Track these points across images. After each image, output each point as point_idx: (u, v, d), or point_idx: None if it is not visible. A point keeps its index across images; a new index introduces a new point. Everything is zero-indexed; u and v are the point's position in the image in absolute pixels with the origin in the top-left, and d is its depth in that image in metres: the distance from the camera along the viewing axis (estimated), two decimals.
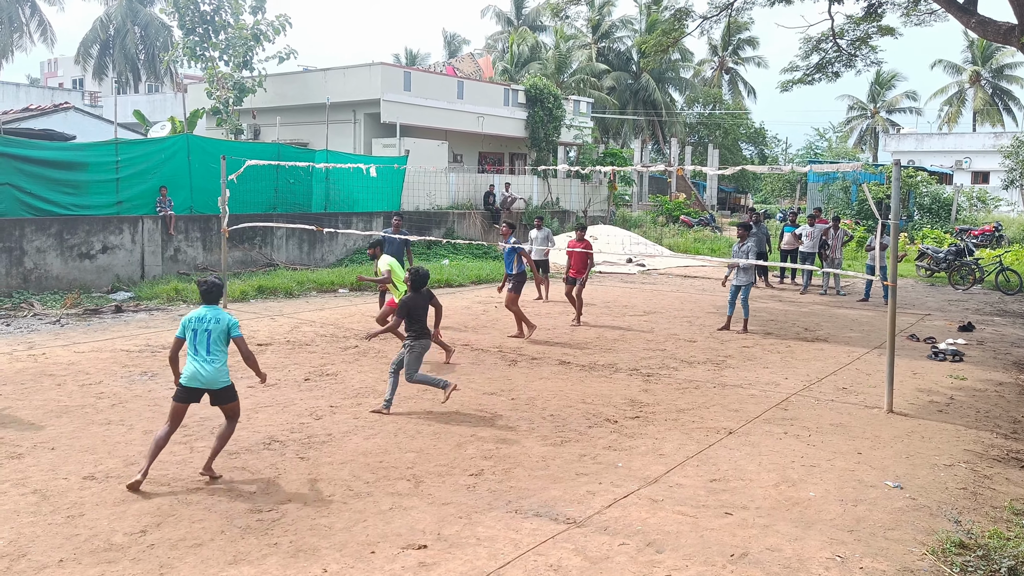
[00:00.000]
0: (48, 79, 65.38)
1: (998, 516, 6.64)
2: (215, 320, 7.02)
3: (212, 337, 6.98)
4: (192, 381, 6.96)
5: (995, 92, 65.88)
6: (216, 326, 7.00)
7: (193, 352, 6.99)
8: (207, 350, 6.97)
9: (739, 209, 55.91)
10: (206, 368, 6.95)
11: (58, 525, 6.08)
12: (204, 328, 6.99)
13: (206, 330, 6.98)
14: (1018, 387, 11.17)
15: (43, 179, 17.27)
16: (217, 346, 7.01)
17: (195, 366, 6.95)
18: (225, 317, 7.08)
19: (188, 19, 27.52)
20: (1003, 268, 21.82)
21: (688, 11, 22.44)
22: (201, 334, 6.98)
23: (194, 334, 6.99)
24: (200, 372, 6.94)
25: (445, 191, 29.20)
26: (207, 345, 6.97)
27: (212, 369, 6.97)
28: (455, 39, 66.71)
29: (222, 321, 7.04)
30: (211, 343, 6.98)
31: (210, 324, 7.00)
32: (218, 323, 7.02)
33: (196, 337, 6.98)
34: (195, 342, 6.98)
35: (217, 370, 7.00)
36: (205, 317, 7.03)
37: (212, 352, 6.98)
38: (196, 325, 7.00)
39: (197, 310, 7.12)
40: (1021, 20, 15.67)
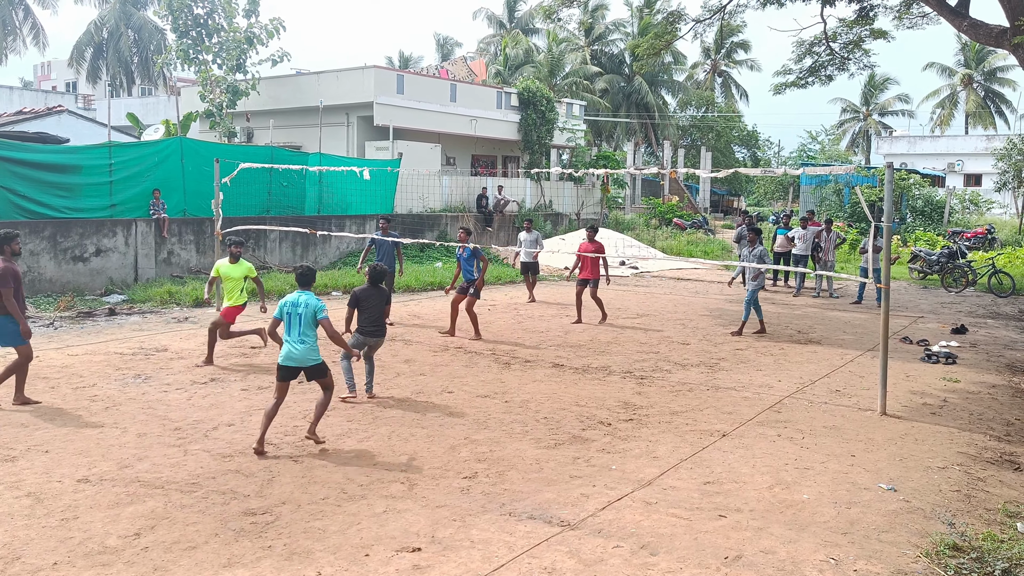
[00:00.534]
0: (41, 82, 65.16)
1: (992, 518, 6.66)
2: (306, 304, 7.86)
3: (303, 320, 7.83)
4: (287, 360, 7.85)
5: (987, 95, 66.10)
6: (306, 310, 7.84)
7: (287, 333, 7.88)
8: (299, 332, 7.82)
9: (732, 212, 55.95)
10: (297, 348, 7.82)
11: (52, 528, 6.06)
12: (297, 312, 7.85)
13: (298, 314, 7.83)
14: (1011, 389, 11.21)
15: (36, 182, 17.23)
16: (308, 328, 7.85)
17: (289, 346, 7.84)
18: (314, 301, 7.89)
19: (182, 22, 27.49)
20: (996, 271, 21.90)
21: (681, 14, 22.50)
22: (294, 317, 7.84)
23: (288, 317, 7.87)
24: (293, 351, 7.83)
25: (438, 194, 29.20)
26: (299, 327, 7.82)
27: (303, 348, 7.83)
28: (448, 42, 66.78)
29: (311, 305, 7.86)
30: (302, 325, 7.83)
31: (301, 308, 7.84)
32: (307, 307, 7.86)
33: (290, 320, 7.86)
34: (289, 324, 7.87)
35: (308, 349, 7.85)
36: (298, 301, 7.88)
37: (303, 333, 7.83)
38: (291, 309, 7.88)
39: (292, 295, 7.96)
40: (1012, 23, 15.74)
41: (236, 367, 11.38)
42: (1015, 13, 15.61)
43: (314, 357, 7.92)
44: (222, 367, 11.37)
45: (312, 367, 7.95)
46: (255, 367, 11.44)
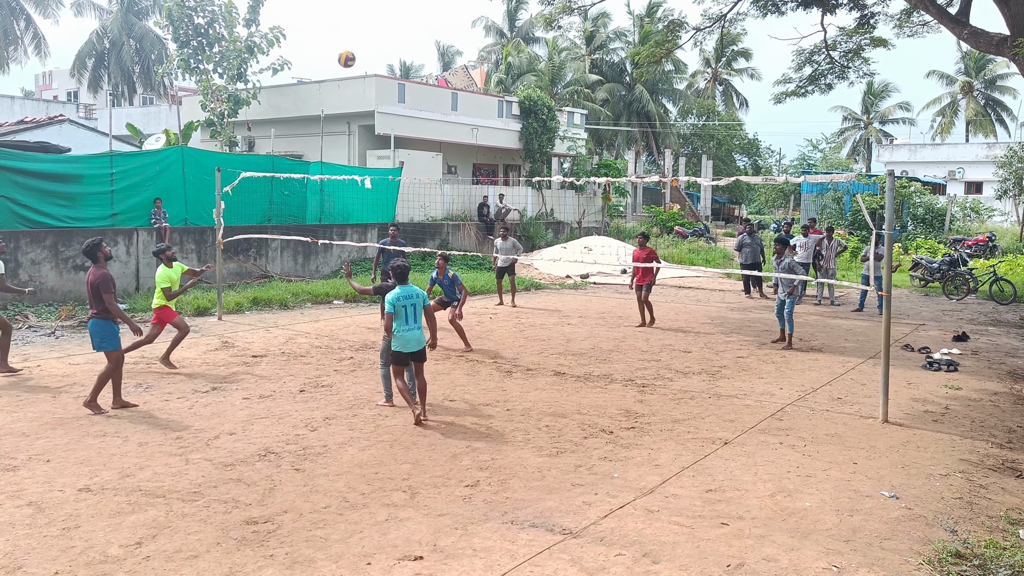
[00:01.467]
0: (43, 92, 65.35)
1: (994, 526, 6.65)
2: (417, 295, 9.13)
3: (417, 310, 9.10)
4: (408, 346, 9.06)
5: (988, 102, 66.23)
6: (418, 300, 9.12)
7: (405, 323, 9.00)
8: (415, 319, 9.08)
9: (733, 220, 56.11)
10: (416, 333, 9.09)
11: (53, 537, 6.05)
12: (412, 303, 9.05)
13: (412, 304, 9.05)
14: (1013, 397, 11.19)
15: (38, 191, 17.27)
16: (420, 315, 9.17)
17: (408, 334, 9.03)
18: (420, 292, 9.20)
19: (183, 32, 27.57)
20: (997, 278, 21.89)
21: (681, 23, 22.55)
22: (410, 309, 9.02)
23: (404, 309, 8.98)
24: (412, 337, 9.06)
25: (439, 202, 29.24)
26: (415, 316, 9.08)
27: (420, 333, 9.16)
28: (449, 51, 66.94)
29: (421, 295, 9.18)
30: (416, 314, 9.10)
31: (415, 299, 9.09)
32: (419, 297, 9.14)
33: (406, 312, 8.99)
34: (405, 315, 8.99)
35: (420, 335, 9.16)
36: (410, 294, 9.08)
37: (418, 320, 9.12)
38: (405, 302, 9.01)
39: (399, 290, 9.08)
40: (1013, 31, 15.79)
41: (237, 376, 11.38)
42: (1015, 21, 15.66)
43: (423, 341, 9.23)
44: (223, 376, 11.38)
45: (420, 351, 9.19)
46: (257, 376, 11.43)
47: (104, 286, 9.39)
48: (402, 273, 9.18)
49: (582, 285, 24.26)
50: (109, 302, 9.38)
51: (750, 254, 21.83)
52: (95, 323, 9.46)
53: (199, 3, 27.42)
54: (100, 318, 9.43)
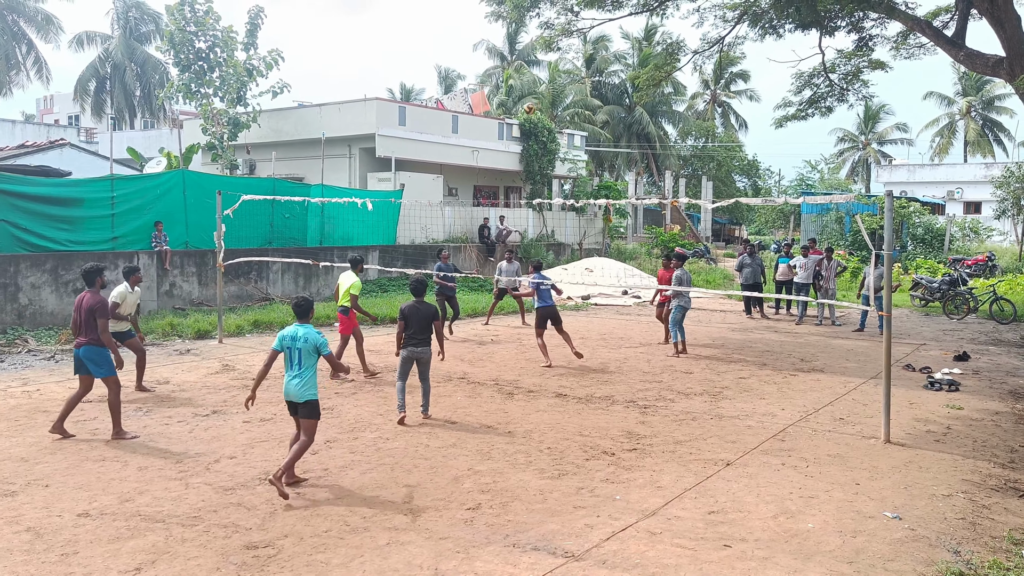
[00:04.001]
0: (44, 116, 65.70)
1: (997, 546, 6.62)
2: (305, 339, 7.70)
3: (303, 354, 7.70)
4: (286, 395, 7.77)
5: (985, 123, 66.52)
6: (306, 344, 7.70)
7: (287, 368, 7.74)
8: (298, 366, 7.69)
9: (734, 240, 56.17)
10: (294, 382, 7.68)
11: (52, 564, 6.02)
12: (296, 346, 7.70)
13: (297, 348, 7.69)
14: (1015, 416, 11.16)
15: (38, 215, 17.30)
16: (307, 362, 7.71)
17: (286, 380, 7.74)
18: (314, 335, 7.75)
19: (183, 56, 27.74)
20: (997, 297, 21.89)
21: (680, 45, 22.69)
22: (294, 352, 7.71)
23: (288, 351, 7.73)
24: (289, 386, 7.70)
25: (440, 224, 29.29)
26: (298, 360, 7.70)
27: (299, 383, 7.67)
28: (450, 74, 67.28)
29: (311, 340, 7.71)
30: (302, 358, 7.70)
31: (300, 342, 7.69)
32: (307, 341, 7.70)
33: (290, 354, 7.73)
34: (289, 358, 7.74)
35: (304, 384, 7.68)
36: (297, 335, 7.72)
37: (303, 368, 7.69)
38: (290, 343, 7.73)
39: (290, 328, 7.82)
40: (1009, 53, 15.89)
41: (238, 399, 11.35)
42: (1011, 43, 15.77)
43: (309, 393, 7.71)
44: (223, 399, 11.35)
45: (306, 403, 7.73)
46: (257, 399, 11.38)
47: (101, 312, 9.35)
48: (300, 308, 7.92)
49: (583, 307, 24.26)
50: (103, 328, 9.32)
51: (751, 274, 21.85)
52: (91, 351, 9.35)
53: (200, 28, 27.61)
54: (95, 345, 9.35)
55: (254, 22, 28.73)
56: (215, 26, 27.86)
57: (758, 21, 19.90)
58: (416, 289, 10.27)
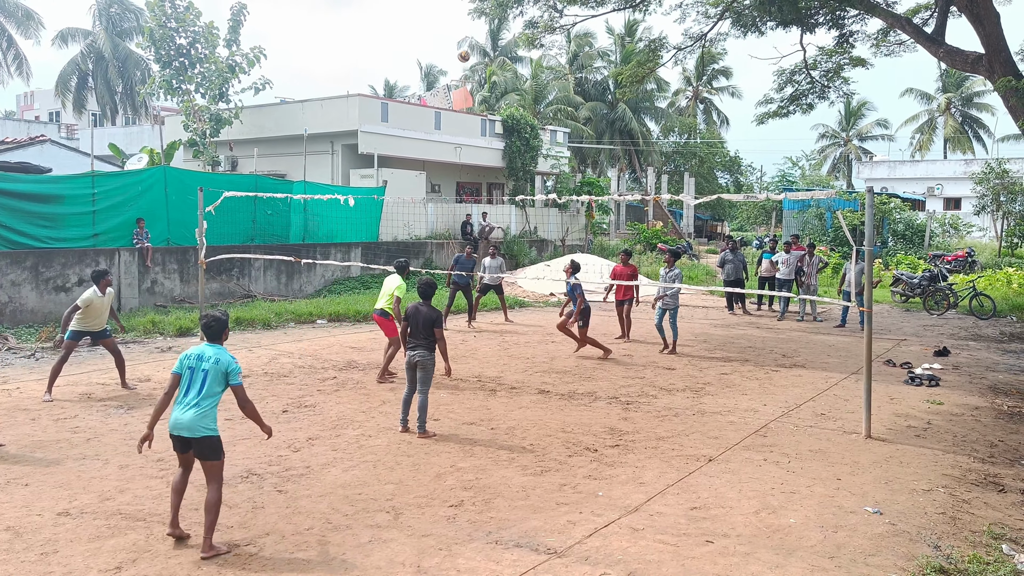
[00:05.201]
0: (24, 112, 65.11)
1: (977, 540, 6.67)
2: (216, 360, 6.29)
3: (208, 379, 6.26)
4: (175, 428, 6.25)
5: (965, 120, 66.99)
6: (215, 367, 6.27)
7: (182, 394, 6.30)
8: (198, 393, 6.24)
9: (716, 237, 56.31)
10: (188, 413, 6.19)
11: (31, 563, 5.97)
12: (201, 367, 6.28)
13: (203, 370, 6.26)
14: (994, 411, 11.26)
15: (18, 212, 17.15)
16: (211, 390, 6.26)
17: (178, 411, 6.25)
18: (226, 359, 6.31)
19: (165, 52, 27.56)
20: (977, 293, 22.06)
21: (662, 42, 22.79)
22: (197, 373, 6.27)
23: (190, 373, 6.29)
24: (181, 418, 6.21)
25: (423, 221, 29.25)
26: (199, 387, 6.25)
27: (195, 415, 6.19)
28: (432, 70, 67.15)
29: (222, 362, 6.29)
30: (205, 385, 6.25)
31: (208, 364, 6.28)
32: (217, 364, 6.28)
33: (191, 377, 6.28)
34: (189, 383, 6.29)
35: (201, 416, 6.21)
36: (204, 355, 6.32)
37: (203, 396, 6.24)
38: (194, 363, 6.31)
39: (197, 347, 6.45)
40: (988, 50, 16.01)
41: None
42: (990, 40, 15.89)
43: (207, 427, 6.23)
44: None
45: (202, 439, 6.23)
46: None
47: None
48: (211, 328, 6.50)
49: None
50: None
51: (732, 271, 21.94)
52: None
53: (181, 24, 27.44)
54: None
55: (236, 18, 28.60)
56: (195, 22, 27.70)
57: (740, 18, 19.98)
58: (424, 292, 9.71)
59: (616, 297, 16.86)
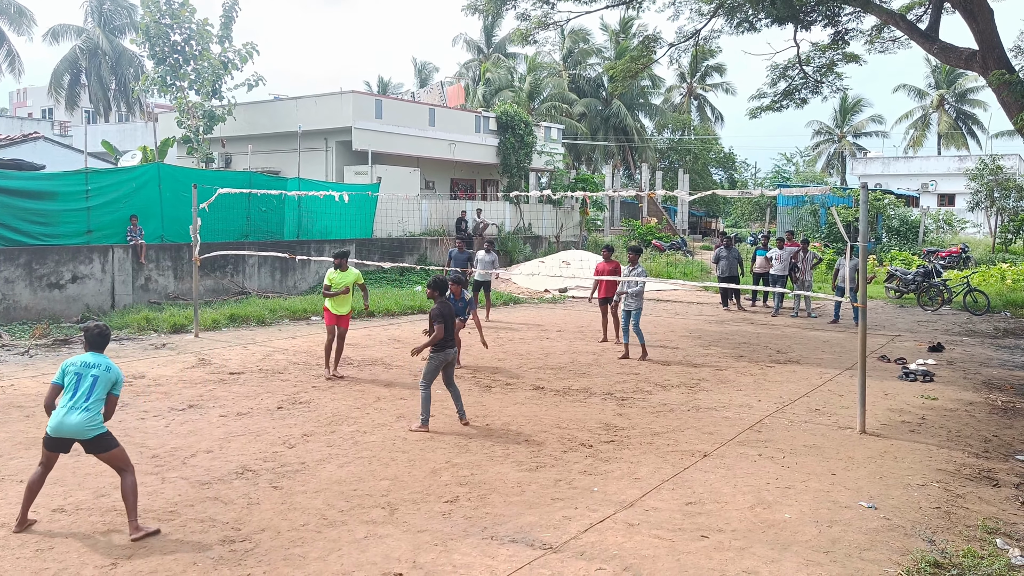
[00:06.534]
0: (17, 109, 64.90)
1: (971, 535, 6.69)
2: (107, 368, 6.58)
3: (97, 385, 6.48)
4: (60, 431, 6.40)
5: (959, 116, 67.14)
6: (106, 374, 6.54)
7: (69, 398, 6.44)
8: (87, 398, 6.42)
9: (710, 233, 56.44)
10: (78, 416, 6.37)
11: (27, 559, 5.96)
12: (90, 374, 6.50)
13: (92, 376, 6.49)
14: (988, 406, 11.30)
15: (12, 209, 17.09)
16: (100, 395, 6.48)
17: (64, 414, 6.40)
18: (116, 369, 6.65)
19: (159, 49, 27.49)
20: (971, 289, 22.13)
21: (656, 38, 22.75)
22: (85, 379, 6.47)
23: (77, 378, 6.48)
24: (69, 420, 6.37)
25: (417, 218, 29.23)
26: (89, 393, 6.44)
27: (86, 418, 6.39)
28: (426, 67, 67.04)
29: (113, 370, 6.60)
30: (95, 391, 6.46)
31: (99, 371, 6.53)
32: (109, 371, 6.57)
33: (78, 382, 6.46)
34: (76, 387, 6.46)
35: (91, 419, 6.41)
36: (92, 363, 6.56)
37: (93, 401, 6.44)
38: (81, 370, 6.51)
39: (83, 355, 6.65)
40: (981, 46, 16.04)
41: (214, 393, 11.28)
42: (984, 37, 15.91)
43: (97, 427, 6.45)
44: (199, 393, 11.27)
45: (95, 439, 6.46)
46: (234, 393, 11.34)
47: None
48: (97, 338, 6.73)
49: (560, 299, 24.29)
50: None
51: (727, 267, 21.96)
52: None
53: (175, 20, 27.37)
54: None
55: (229, 15, 28.53)
56: (190, 19, 27.64)
57: (734, 15, 19.97)
58: (441, 287, 9.72)
59: (599, 295, 16.30)
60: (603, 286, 16.12)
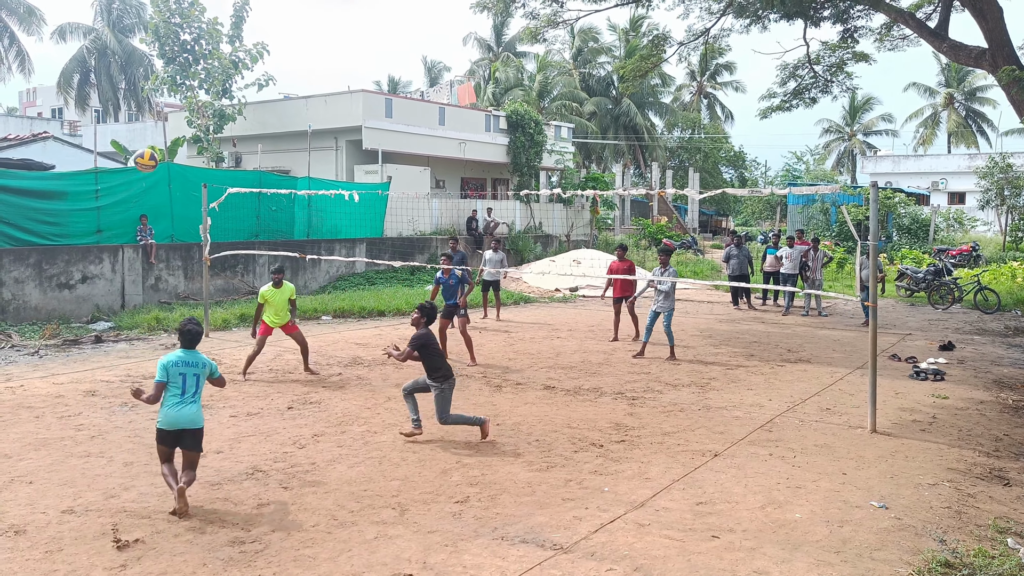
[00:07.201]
0: (27, 109, 65.19)
1: (982, 534, 6.66)
2: (203, 364, 7.30)
3: (200, 380, 7.25)
4: (176, 422, 7.06)
5: (968, 114, 66.82)
6: (203, 370, 7.28)
7: (179, 394, 7.10)
8: (192, 391, 7.16)
9: (721, 232, 56.29)
10: (190, 408, 7.11)
11: (36, 561, 5.98)
12: (193, 372, 7.19)
13: (195, 374, 7.20)
14: (999, 405, 11.24)
15: (22, 209, 17.17)
16: (201, 386, 7.26)
17: (177, 408, 7.08)
18: (209, 362, 7.37)
19: (169, 48, 27.56)
20: (981, 287, 22.02)
21: (666, 37, 22.71)
22: (190, 377, 7.16)
23: (183, 378, 7.13)
24: (184, 413, 7.08)
25: (428, 217, 29.23)
26: (194, 386, 7.18)
27: (195, 409, 7.16)
28: (436, 66, 67.09)
29: (208, 364, 7.34)
30: (198, 384, 7.23)
31: (197, 368, 7.24)
32: (204, 367, 7.30)
33: (184, 381, 7.13)
34: (182, 385, 7.12)
35: (199, 410, 7.21)
36: (193, 361, 7.24)
37: (197, 391, 7.21)
38: (184, 369, 7.15)
39: (178, 353, 7.23)
40: (991, 44, 15.96)
41: (225, 393, 11.29)
42: (993, 35, 15.84)
43: (201, 419, 7.26)
44: (210, 393, 11.29)
45: (198, 431, 7.22)
46: (244, 393, 11.36)
47: None
48: (192, 336, 7.35)
49: (571, 298, 24.27)
50: None
51: (737, 266, 21.90)
52: None
53: (185, 20, 27.42)
54: None
55: (239, 14, 28.58)
56: (200, 18, 27.69)
57: (743, 12, 19.92)
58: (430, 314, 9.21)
59: (613, 294, 16.43)
60: (617, 285, 16.14)
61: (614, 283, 16.23)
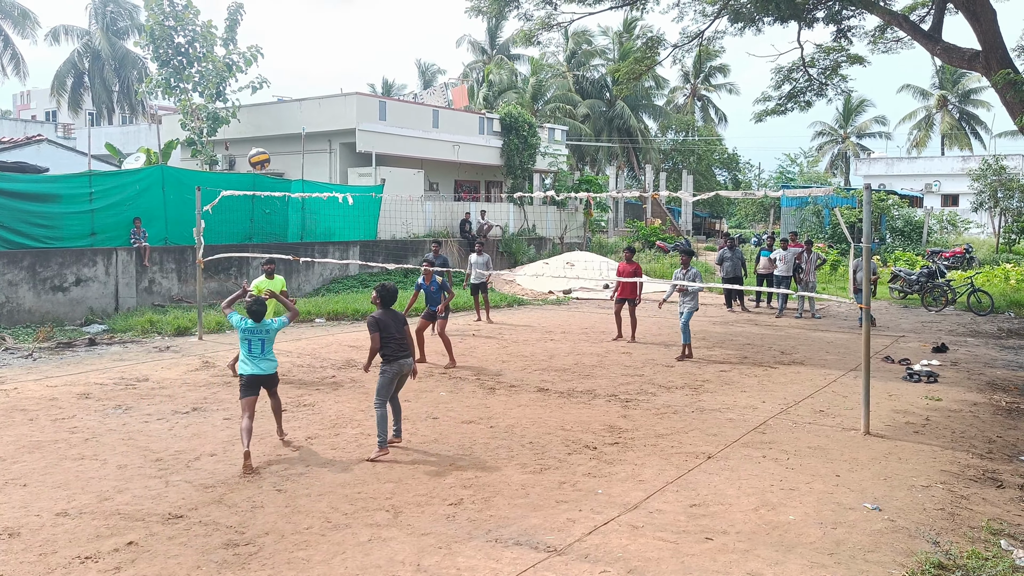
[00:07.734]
0: (20, 111, 65.02)
1: (976, 536, 6.68)
2: (268, 330, 8.77)
3: (268, 340, 8.75)
4: (261, 371, 8.64)
5: (962, 116, 67.02)
6: (272, 334, 8.81)
7: (259, 351, 8.64)
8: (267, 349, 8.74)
9: (714, 234, 56.39)
10: (266, 362, 8.68)
11: (30, 564, 5.96)
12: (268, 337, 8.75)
13: (270, 335, 8.77)
14: (992, 407, 11.27)
15: (15, 211, 17.13)
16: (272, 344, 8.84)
17: (255, 363, 8.62)
18: (273, 325, 8.82)
19: (162, 51, 27.53)
20: (975, 289, 22.09)
21: (660, 39, 22.77)
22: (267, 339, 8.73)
23: (261, 342, 8.67)
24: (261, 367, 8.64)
25: (421, 219, 29.24)
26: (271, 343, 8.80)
27: (270, 363, 8.74)
28: (430, 69, 67.10)
29: (273, 329, 8.80)
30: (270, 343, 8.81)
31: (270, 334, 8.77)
32: (271, 332, 8.79)
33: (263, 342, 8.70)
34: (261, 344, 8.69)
35: (273, 360, 8.81)
36: (263, 327, 8.70)
37: (268, 350, 8.76)
38: (263, 336, 8.69)
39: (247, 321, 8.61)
40: (984, 47, 16.03)
41: (218, 396, 11.29)
42: (986, 37, 15.90)
43: (276, 365, 8.88)
44: (203, 396, 11.28)
45: (275, 374, 8.87)
46: (238, 396, 11.33)
47: None
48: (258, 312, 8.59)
49: (564, 301, 24.28)
50: None
51: (731, 268, 21.95)
52: None
53: (179, 22, 27.40)
54: None
55: (233, 17, 28.56)
56: (194, 21, 27.66)
57: (737, 15, 19.98)
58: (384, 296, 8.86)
59: (618, 295, 16.55)
60: (622, 287, 16.29)
61: (620, 285, 16.35)
